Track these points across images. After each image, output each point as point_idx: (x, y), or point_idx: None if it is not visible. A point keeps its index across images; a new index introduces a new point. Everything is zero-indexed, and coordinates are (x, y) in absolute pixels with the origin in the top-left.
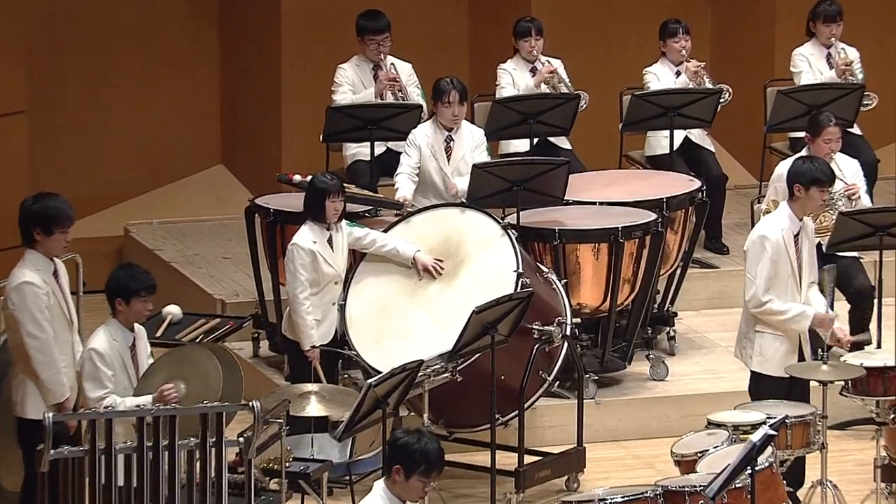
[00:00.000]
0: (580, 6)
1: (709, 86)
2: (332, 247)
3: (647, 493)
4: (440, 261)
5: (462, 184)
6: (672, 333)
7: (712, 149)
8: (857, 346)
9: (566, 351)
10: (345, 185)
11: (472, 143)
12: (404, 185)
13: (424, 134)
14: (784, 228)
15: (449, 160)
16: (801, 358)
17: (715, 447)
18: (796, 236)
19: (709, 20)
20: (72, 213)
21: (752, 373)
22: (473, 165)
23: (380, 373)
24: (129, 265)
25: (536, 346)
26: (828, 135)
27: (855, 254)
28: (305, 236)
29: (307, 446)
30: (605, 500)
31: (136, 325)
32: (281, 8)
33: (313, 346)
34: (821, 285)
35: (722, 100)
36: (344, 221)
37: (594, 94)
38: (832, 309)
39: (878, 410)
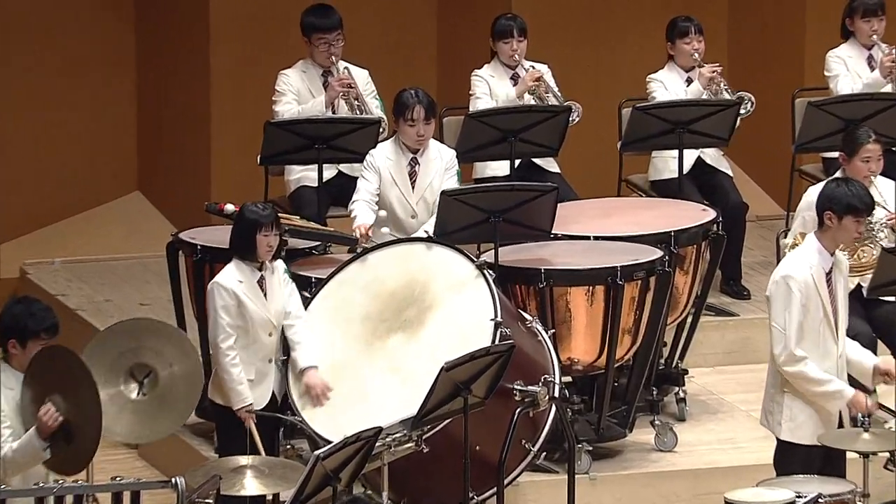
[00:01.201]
0: (570, 0)
1: (727, 96)
2: (262, 290)
3: None
4: (329, 389)
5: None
6: (682, 395)
7: (730, 172)
8: None
9: (554, 416)
10: (285, 215)
11: (440, 167)
12: (362, 213)
13: (385, 156)
14: (813, 266)
15: (413, 188)
16: (840, 424)
17: None
18: (828, 274)
19: (726, 17)
20: None
21: (780, 442)
22: (442, 193)
23: (330, 442)
24: (28, 300)
25: (518, 410)
26: (866, 153)
27: None
28: (230, 275)
29: None
30: None
31: None
32: (210, 4)
33: (246, 408)
34: None
35: (743, 111)
36: (280, 264)
37: (588, 107)
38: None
39: None
